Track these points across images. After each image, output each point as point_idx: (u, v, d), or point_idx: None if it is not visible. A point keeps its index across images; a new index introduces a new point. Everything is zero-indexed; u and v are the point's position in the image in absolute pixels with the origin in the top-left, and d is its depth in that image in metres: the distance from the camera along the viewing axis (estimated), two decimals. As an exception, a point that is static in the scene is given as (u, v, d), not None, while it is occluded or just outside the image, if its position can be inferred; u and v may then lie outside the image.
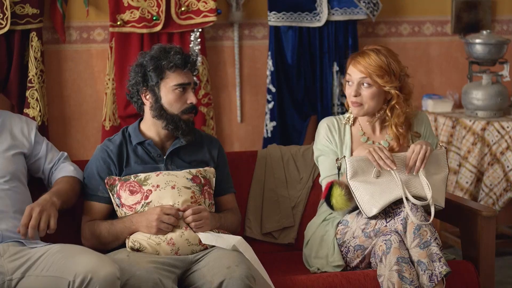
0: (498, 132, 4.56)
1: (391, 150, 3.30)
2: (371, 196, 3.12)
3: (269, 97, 4.64)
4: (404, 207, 3.09)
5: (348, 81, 3.30)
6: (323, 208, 3.42)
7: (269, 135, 4.64)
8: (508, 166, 4.53)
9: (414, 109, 3.39)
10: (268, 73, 4.64)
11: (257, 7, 4.64)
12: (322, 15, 4.64)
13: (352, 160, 3.18)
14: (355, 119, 3.41)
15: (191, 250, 3.13)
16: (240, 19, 4.57)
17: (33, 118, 4.09)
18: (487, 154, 4.58)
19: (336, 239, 3.28)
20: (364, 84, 3.24)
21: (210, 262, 3.05)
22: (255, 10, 4.64)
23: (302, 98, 4.69)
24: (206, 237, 3.13)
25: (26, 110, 4.13)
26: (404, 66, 3.31)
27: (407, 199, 3.09)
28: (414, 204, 3.09)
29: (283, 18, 4.61)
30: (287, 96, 4.67)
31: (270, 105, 4.64)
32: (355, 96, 3.26)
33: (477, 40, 4.72)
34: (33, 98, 4.12)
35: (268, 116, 4.65)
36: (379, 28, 4.88)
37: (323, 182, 3.34)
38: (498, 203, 4.54)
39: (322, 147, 3.38)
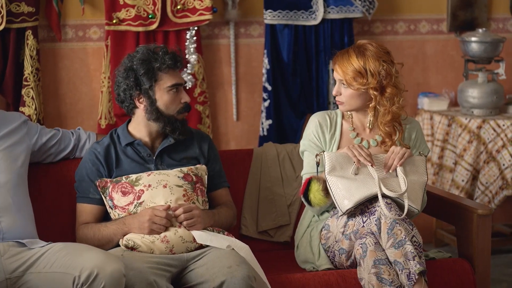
0: (494, 130, 4.56)
1: (382, 148, 3.33)
2: (347, 191, 3.14)
3: (265, 95, 4.63)
4: (379, 206, 3.10)
5: (334, 79, 3.39)
6: (307, 213, 3.43)
7: (265, 133, 4.64)
8: (503, 164, 4.53)
9: (408, 114, 3.39)
10: (264, 71, 4.63)
11: (253, 5, 4.63)
12: (318, 13, 4.64)
13: (331, 155, 3.22)
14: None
15: (185, 248, 3.12)
16: (236, 17, 4.56)
17: (29, 116, 4.08)
18: (483, 152, 4.58)
19: (321, 244, 3.30)
20: (343, 84, 3.30)
21: (209, 262, 3.04)
22: (251, 9, 4.63)
23: (298, 96, 4.69)
24: (200, 236, 3.12)
25: (21, 109, 4.12)
26: (394, 64, 3.29)
27: (382, 195, 3.10)
28: (388, 203, 3.10)
29: (279, 17, 4.61)
30: (283, 94, 4.66)
31: (266, 103, 4.63)
32: (335, 95, 3.34)
33: (473, 38, 4.73)
34: (28, 97, 4.12)
35: (264, 114, 4.64)
36: (375, 26, 4.88)
37: (303, 177, 3.37)
38: (494, 201, 4.55)
39: (309, 143, 3.39)
